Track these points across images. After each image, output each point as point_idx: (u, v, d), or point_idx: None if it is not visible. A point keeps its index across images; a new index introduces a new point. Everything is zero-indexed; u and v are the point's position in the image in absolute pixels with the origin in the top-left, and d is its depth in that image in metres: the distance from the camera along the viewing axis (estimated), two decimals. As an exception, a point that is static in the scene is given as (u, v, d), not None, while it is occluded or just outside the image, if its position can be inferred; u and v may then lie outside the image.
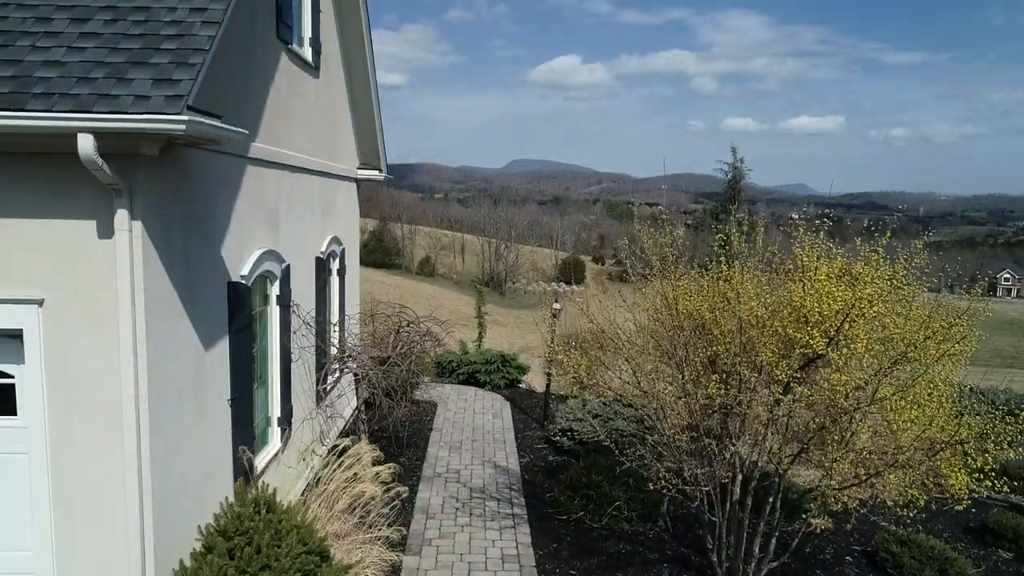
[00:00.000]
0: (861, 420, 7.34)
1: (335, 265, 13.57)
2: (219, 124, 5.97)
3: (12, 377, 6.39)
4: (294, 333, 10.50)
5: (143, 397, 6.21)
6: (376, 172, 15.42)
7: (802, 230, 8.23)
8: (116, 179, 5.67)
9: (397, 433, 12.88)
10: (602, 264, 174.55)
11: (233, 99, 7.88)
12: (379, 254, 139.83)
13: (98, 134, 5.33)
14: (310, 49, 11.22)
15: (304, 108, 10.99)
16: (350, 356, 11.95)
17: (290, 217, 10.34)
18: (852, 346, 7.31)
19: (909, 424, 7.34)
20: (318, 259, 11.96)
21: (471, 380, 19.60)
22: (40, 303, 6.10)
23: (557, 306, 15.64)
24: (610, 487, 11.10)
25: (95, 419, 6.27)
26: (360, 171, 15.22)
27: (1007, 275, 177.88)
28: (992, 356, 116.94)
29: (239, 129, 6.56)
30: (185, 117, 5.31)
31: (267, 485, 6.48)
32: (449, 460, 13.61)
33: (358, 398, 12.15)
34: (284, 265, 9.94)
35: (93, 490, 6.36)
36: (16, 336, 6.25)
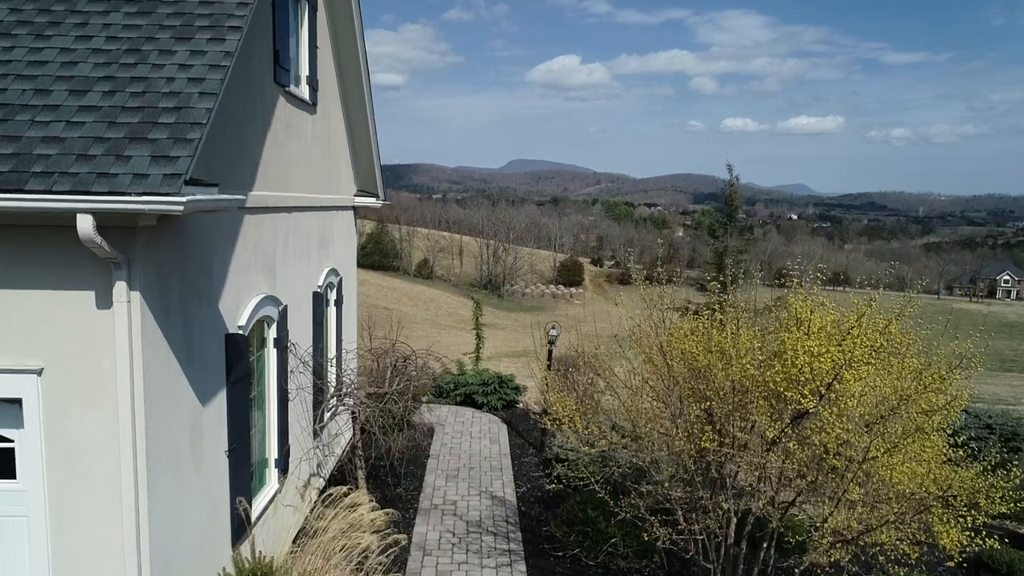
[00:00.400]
0: (852, 480, 7.42)
1: (332, 296, 13.65)
2: (217, 196, 6.05)
3: (12, 441, 6.47)
4: (291, 373, 10.58)
5: (141, 463, 6.30)
6: (373, 200, 15.50)
7: (796, 281, 8.32)
8: (114, 254, 5.75)
9: (394, 465, 12.96)
10: (600, 266, 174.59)
11: (230, 153, 7.97)
12: (377, 256, 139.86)
13: (97, 214, 5.41)
14: (307, 87, 11.30)
15: (302, 146, 11.07)
16: (347, 393, 12.02)
17: (287, 258, 10.42)
18: (843, 403, 7.40)
19: (902, 477, 7.44)
20: (315, 294, 12.04)
21: (468, 401, 19.68)
22: (39, 372, 6.18)
23: (555, 332, 15.72)
24: (606, 523, 11.19)
25: (94, 484, 6.35)
26: (357, 199, 15.29)
27: (1007, 276, 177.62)
28: (991, 359, 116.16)
29: (236, 196, 6.66)
30: (184, 199, 5.38)
31: (262, 555, 6.55)
32: (446, 490, 13.69)
33: (355, 435, 12.22)
34: (281, 307, 10.02)
35: (91, 555, 6.43)
36: (15, 402, 6.34)
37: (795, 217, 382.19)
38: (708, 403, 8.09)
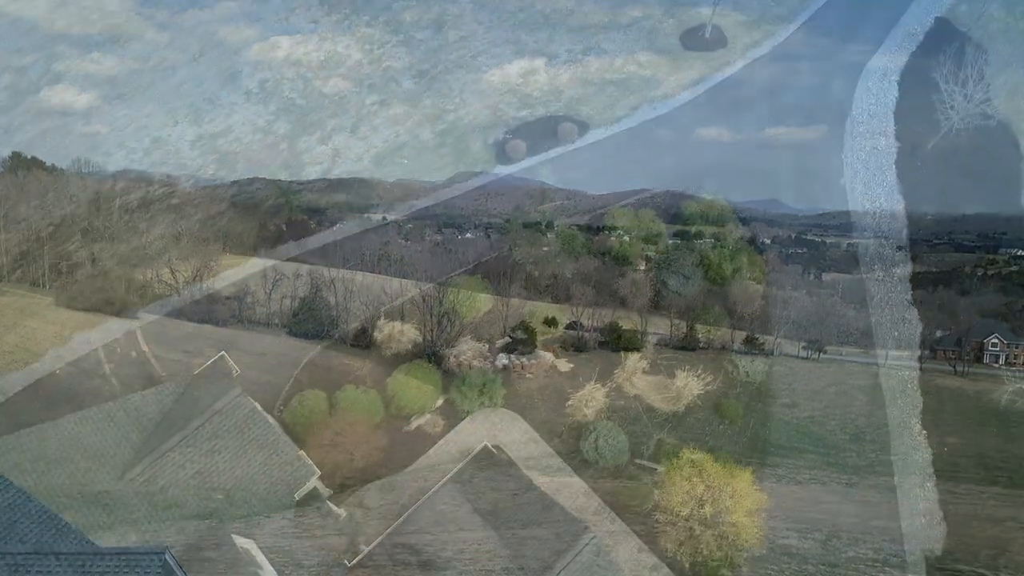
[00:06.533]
0: None
1: None
2: None
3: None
4: None
5: None
6: None
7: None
8: None
9: None
10: (555, 327, 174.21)
11: None
12: (311, 324, 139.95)
13: None
14: None
15: None
16: None
17: None
18: None
19: None
20: None
21: None
22: None
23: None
24: None
25: None
26: None
27: (995, 340, 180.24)
28: (974, 467, 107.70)
29: None
30: None
31: None
32: None
33: None
34: None
35: None
36: None
37: (768, 241, 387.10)
38: None
